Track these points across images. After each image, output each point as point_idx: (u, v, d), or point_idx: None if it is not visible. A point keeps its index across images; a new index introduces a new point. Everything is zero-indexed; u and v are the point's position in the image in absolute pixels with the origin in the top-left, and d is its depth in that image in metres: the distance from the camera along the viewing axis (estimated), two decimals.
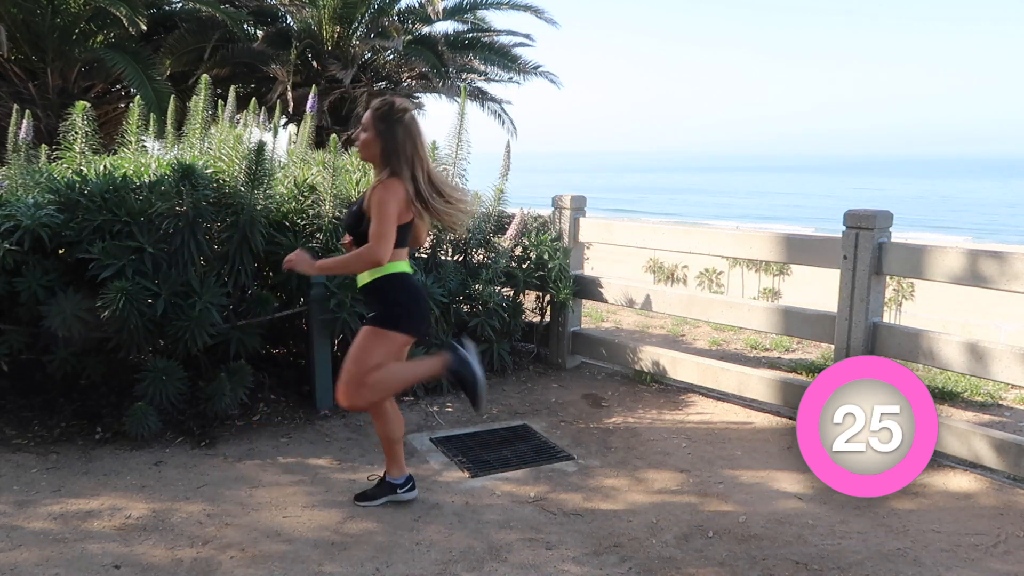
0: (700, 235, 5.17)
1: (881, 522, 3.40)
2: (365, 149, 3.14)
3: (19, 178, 4.50)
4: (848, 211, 4.17)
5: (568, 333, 5.64)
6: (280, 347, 5.19)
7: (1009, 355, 3.67)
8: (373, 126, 3.10)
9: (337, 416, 4.55)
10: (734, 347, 6.43)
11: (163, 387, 4.09)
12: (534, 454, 4.10)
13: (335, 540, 3.17)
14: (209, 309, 4.09)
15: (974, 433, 3.83)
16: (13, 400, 4.43)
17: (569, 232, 5.55)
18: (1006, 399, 5.05)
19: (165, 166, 4.42)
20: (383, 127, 3.09)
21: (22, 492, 3.55)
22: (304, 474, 3.81)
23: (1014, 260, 3.67)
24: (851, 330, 4.15)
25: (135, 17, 8.98)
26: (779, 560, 3.07)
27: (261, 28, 11.77)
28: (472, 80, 12.86)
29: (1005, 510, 3.52)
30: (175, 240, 4.13)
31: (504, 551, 3.11)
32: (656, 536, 3.25)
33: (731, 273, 53.23)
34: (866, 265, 4.07)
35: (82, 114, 4.91)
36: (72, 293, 3.97)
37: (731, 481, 3.81)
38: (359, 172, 5.17)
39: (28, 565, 2.93)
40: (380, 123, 3.09)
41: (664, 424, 4.58)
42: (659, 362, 5.19)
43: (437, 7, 11.31)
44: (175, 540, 3.14)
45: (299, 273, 3.30)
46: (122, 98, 11.03)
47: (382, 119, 3.10)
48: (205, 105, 5.05)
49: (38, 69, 9.97)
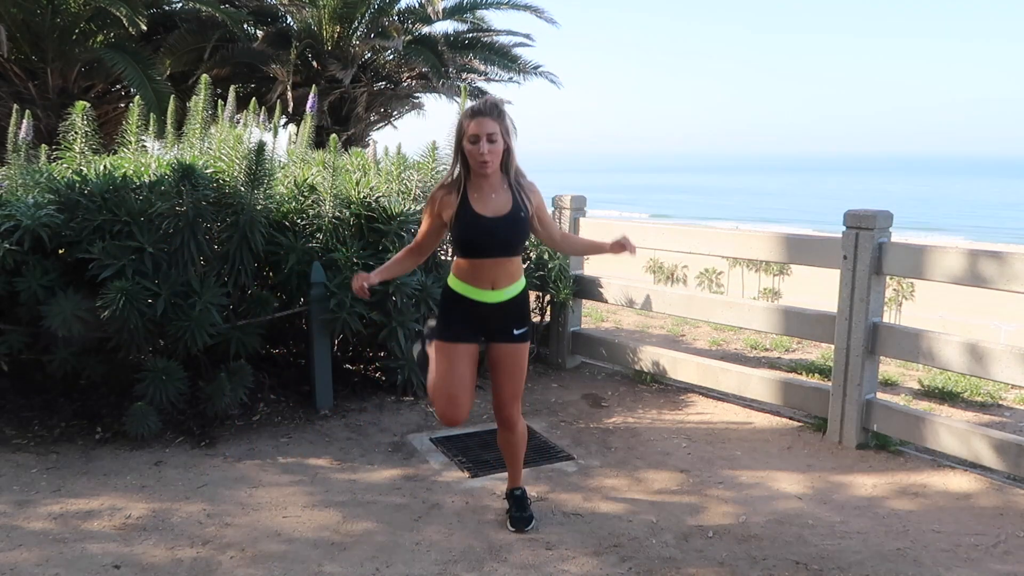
0: (700, 235, 5.17)
1: (881, 522, 3.40)
2: (497, 161, 2.93)
3: (19, 178, 4.50)
4: (848, 211, 4.17)
5: (568, 333, 5.65)
6: (280, 347, 5.19)
7: (1009, 355, 3.67)
8: (505, 132, 2.93)
9: (337, 416, 4.55)
10: (734, 347, 6.43)
11: (163, 387, 4.09)
12: (534, 454, 4.09)
13: (335, 540, 3.17)
14: (209, 309, 4.09)
15: (974, 433, 3.83)
16: (13, 400, 4.43)
17: (569, 232, 5.54)
18: (1006, 399, 5.05)
19: (165, 166, 4.42)
20: (509, 130, 2.94)
21: (22, 492, 3.55)
22: (304, 474, 3.81)
23: (1014, 260, 3.67)
24: (851, 330, 4.15)
25: (135, 17, 8.98)
26: (779, 560, 3.07)
27: (261, 28, 11.77)
28: (472, 80, 12.85)
29: (1005, 510, 3.52)
30: (175, 240, 4.13)
31: (504, 551, 3.11)
32: (656, 536, 3.25)
33: (731, 273, 53.27)
34: (866, 265, 4.07)
35: (82, 114, 4.91)
36: (72, 293, 3.98)
37: (731, 481, 3.81)
38: (359, 172, 5.17)
39: (28, 565, 2.93)
40: (510, 127, 2.95)
41: (664, 424, 4.58)
42: (659, 362, 5.19)
43: (437, 7, 11.31)
44: (175, 540, 3.14)
45: (300, 274, 3.21)
46: (122, 98, 11.04)
47: (505, 119, 2.94)
48: (205, 105, 5.05)
49: (38, 69, 9.97)
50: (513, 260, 3.03)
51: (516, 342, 3.09)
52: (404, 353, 4.78)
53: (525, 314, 3.14)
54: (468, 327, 3.07)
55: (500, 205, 2.96)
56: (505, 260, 3.00)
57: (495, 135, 2.88)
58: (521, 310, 3.11)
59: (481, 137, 2.87)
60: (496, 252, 2.99)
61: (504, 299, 3.03)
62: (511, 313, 3.07)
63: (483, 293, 3.02)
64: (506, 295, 3.03)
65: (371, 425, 4.46)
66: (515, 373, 3.12)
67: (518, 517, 3.30)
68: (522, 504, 3.33)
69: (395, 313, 4.60)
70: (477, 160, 2.89)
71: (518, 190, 3.01)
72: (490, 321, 3.06)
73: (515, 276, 3.06)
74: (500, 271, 3.00)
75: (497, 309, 3.04)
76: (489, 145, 2.87)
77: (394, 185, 5.01)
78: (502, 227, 2.94)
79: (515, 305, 3.07)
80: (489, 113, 2.89)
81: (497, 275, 3.01)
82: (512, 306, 3.06)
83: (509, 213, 2.96)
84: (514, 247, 3.02)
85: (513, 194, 2.99)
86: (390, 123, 13.98)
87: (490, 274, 3.00)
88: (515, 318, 3.08)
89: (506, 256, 3.00)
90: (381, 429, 4.41)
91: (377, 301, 4.59)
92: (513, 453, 3.31)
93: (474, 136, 2.88)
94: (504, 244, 2.98)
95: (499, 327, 3.07)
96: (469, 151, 2.90)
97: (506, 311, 3.05)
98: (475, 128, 2.87)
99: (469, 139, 2.89)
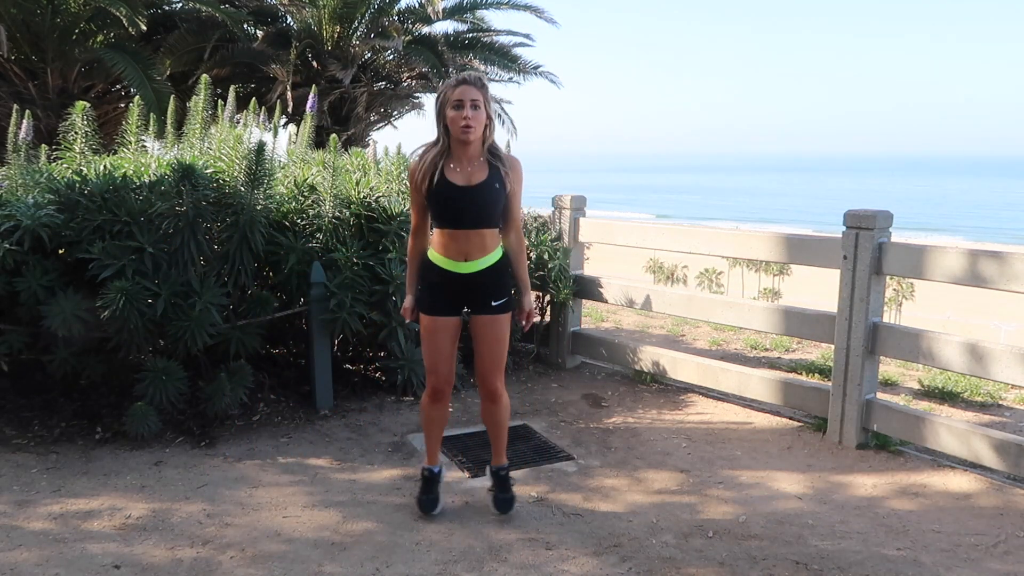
0: (700, 235, 5.17)
1: (881, 522, 3.40)
2: (480, 128, 2.97)
3: (19, 178, 4.50)
4: (848, 211, 4.17)
5: (568, 333, 5.65)
6: (280, 347, 5.19)
7: (1009, 355, 3.67)
8: (487, 102, 2.98)
9: (337, 416, 4.55)
10: (734, 347, 6.43)
11: (163, 387, 4.09)
12: (534, 454, 4.10)
13: (335, 540, 3.17)
14: (209, 309, 4.09)
15: (974, 433, 3.83)
16: (13, 400, 4.43)
17: (569, 232, 5.55)
18: (1006, 399, 5.05)
19: (165, 166, 4.42)
20: (490, 102, 2.98)
21: (22, 492, 3.55)
22: (304, 474, 3.81)
23: (1014, 260, 3.67)
24: (851, 330, 4.15)
25: (135, 17, 8.99)
26: (779, 560, 3.07)
27: (261, 28, 11.78)
28: None
29: (1005, 510, 3.52)
30: (175, 240, 4.13)
31: (504, 551, 3.11)
32: (656, 536, 3.25)
33: (731, 273, 53.27)
34: (866, 265, 4.07)
35: (82, 114, 4.91)
36: (72, 293, 3.98)
37: (731, 481, 3.81)
38: (359, 172, 5.17)
39: (28, 565, 2.93)
40: (488, 97, 2.98)
41: (664, 424, 4.58)
42: (659, 362, 5.19)
43: (437, 7, 11.32)
44: (175, 540, 3.14)
45: (300, 274, 3.26)
46: (122, 98, 11.05)
47: (488, 92, 2.98)
48: (205, 105, 5.05)
49: (38, 69, 9.98)
50: (486, 232, 3.07)
51: (494, 313, 3.14)
52: (404, 353, 4.78)
53: (503, 285, 3.17)
54: (446, 300, 3.13)
55: (475, 175, 3.01)
56: (477, 232, 3.05)
57: (479, 102, 2.95)
58: (498, 281, 3.14)
59: (465, 103, 2.93)
60: (467, 223, 3.03)
61: (476, 270, 3.07)
62: (486, 285, 3.12)
63: (456, 264, 3.07)
64: (478, 266, 3.07)
65: (371, 425, 4.46)
66: (494, 344, 3.18)
67: (502, 499, 3.36)
68: (505, 485, 3.39)
69: (395, 313, 4.60)
70: (459, 125, 2.94)
71: (498, 165, 3.04)
72: (467, 293, 3.12)
73: (488, 248, 3.09)
74: (473, 243, 3.05)
75: (470, 280, 3.08)
76: (472, 112, 2.94)
77: (394, 185, 5.01)
78: (473, 196, 2.99)
79: (490, 276, 3.11)
80: (474, 83, 2.97)
81: (470, 247, 3.05)
82: (486, 277, 3.10)
83: (483, 183, 3.01)
84: (486, 218, 3.05)
85: (490, 168, 3.03)
86: (390, 123, 13.99)
87: (463, 246, 3.05)
88: (492, 290, 3.13)
89: (478, 228, 3.04)
90: (381, 429, 4.41)
91: (377, 301, 4.59)
92: (497, 424, 3.35)
93: (458, 102, 2.94)
94: (475, 215, 3.02)
95: (476, 298, 3.13)
96: (452, 117, 2.96)
97: (481, 283, 3.10)
98: (459, 94, 2.94)
99: (452, 105, 2.95)
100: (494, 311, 3.15)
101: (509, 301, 3.20)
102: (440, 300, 3.13)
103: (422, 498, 3.36)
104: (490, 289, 3.13)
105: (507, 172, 3.05)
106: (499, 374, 3.26)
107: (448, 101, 2.96)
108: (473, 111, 2.93)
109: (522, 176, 3.13)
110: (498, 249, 3.13)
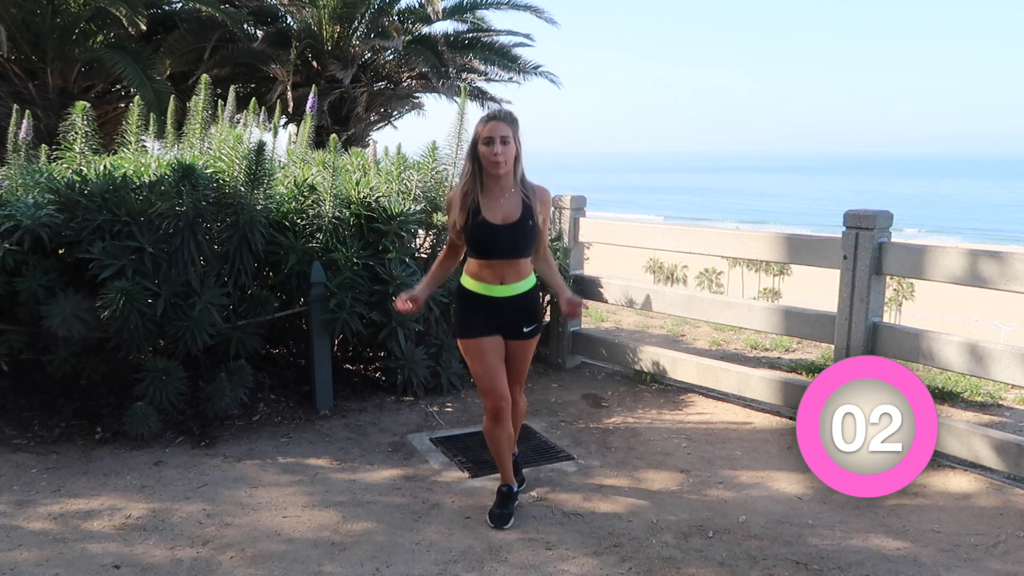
0: (700, 235, 5.17)
1: (881, 522, 3.40)
2: (510, 161, 3.08)
3: (19, 178, 4.50)
4: (848, 211, 4.17)
5: (568, 333, 5.65)
6: (280, 347, 5.19)
7: (1009, 355, 3.67)
8: (516, 136, 3.08)
9: (337, 416, 4.55)
10: (734, 347, 6.43)
11: (163, 387, 4.09)
12: (534, 454, 4.10)
13: (335, 540, 3.17)
14: (209, 309, 4.09)
15: (974, 433, 3.83)
16: (13, 400, 4.43)
17: (569, 232, 5.55)
18: (1006, 399, 5.05)
19: (165, 166, 4.42)
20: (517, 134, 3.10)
21: (22, 492, 3.55)
22: (304, 474, 3.81)
23: (1014, 260, 3.67)
24: (851, 330, 4.15)
25: (135, 17, 8.99)
26: (779, 560, 3.07)
27: (261, 28, 11.78)
28: (472, 80, 12.86)
29: (1005, 510, 3.52)
30: (175, 240, 4.13)
31: (504, 551, 3.11)
32: (656, 536, 3.25)
33: (731, 273, 53.26)
34: (866, 265, 4.07)
35: (82, 114, 4.91)
36: (72, 293, 3.98)
37: (731, 481, 3.81)
38: (359, 172, 5.17)
39: (28, 565, 2.93)
40: (517, 131, 3.09)
41: (664, 424, 4.58)
42: (659, 362, 5.19)
43: (437, 7, 11.31)
44: (175, 540, 3.14)
45: (300, 274, 3.28)
46: (122, 98, 11.04)
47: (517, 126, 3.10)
48: (205, 105, 5.05)
49: (38, 69, 9.97)
50: (522, 261, 3.20)
51: (525, 339, 3.29)
52: (404, 353, 4.78)
53: (535, 313, 3.31)
54: (485, 322, 3.23)
55: (510, 211, 3.12)
56: (513, 261, 3.18)
57: (508, 138, 3.06)
58: (531, 307, 3.28)
59: (495, 139, 3.04)
60: (501, 255, 3.16)
61: (514, 294, 3.20)
62: (521, 309, 3.24)
63: (493, 288, 3.19)
64: (515, 290, 3.20)
65: (371, 425, 4.46)
66: (521, 367, 3.36)
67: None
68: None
69: (395, 313, 4.59)
70: (490, 160, 3.05)
71: (529, 197, 3.15)
72: (503, 316, 3.22)
73: (524, 274, 3.22)
74: (509, 269, 3.18)
75: (508, 303, 3.20)
76: (502, 147, 3.04)
77: (394, 185, 5.01)
78: (510, 234, 3.12)
79: (525, 301, 3.24)
80: (503, 119, 3.09)
81: (506, 272, 3.18)
82: (522, 302, 3.23)
83: (518, 221, 3.13)
84: (521, 252, 3.18)
85: (523, 201, 3.14)
86: (390, 123, 13.98)
87: (499, 272, 3.18)
88: (525, 315, 3.26)
89: (514, 259, 3.17)
90: (381, 429, 4.41)
91: (377, 301, 4.59)
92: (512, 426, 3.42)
93: (488, 138, 3.05)
94: (511, 249, 3.16)
95: (510, 323, 3.24)
96: (483, 152, 3.07)
97: (517, 307, 3.22)
98: (489, 131, 3.05)
99: (483, 141, 3.07)
100: (525, 336, 3.29)
101: (538, 327, 3.35)
102: (481, 322, 3.23)
103: (495, 511, 3.36)
104: (525, 315, 3.26)
105: (535, 204, 3.16)
106: (521, 388, 3.47)
107: (479, 137, 3.08)
108: (503, 147, 3.04)
109: (550, 203, 3.27)
110: (531, 276, 3.27)
